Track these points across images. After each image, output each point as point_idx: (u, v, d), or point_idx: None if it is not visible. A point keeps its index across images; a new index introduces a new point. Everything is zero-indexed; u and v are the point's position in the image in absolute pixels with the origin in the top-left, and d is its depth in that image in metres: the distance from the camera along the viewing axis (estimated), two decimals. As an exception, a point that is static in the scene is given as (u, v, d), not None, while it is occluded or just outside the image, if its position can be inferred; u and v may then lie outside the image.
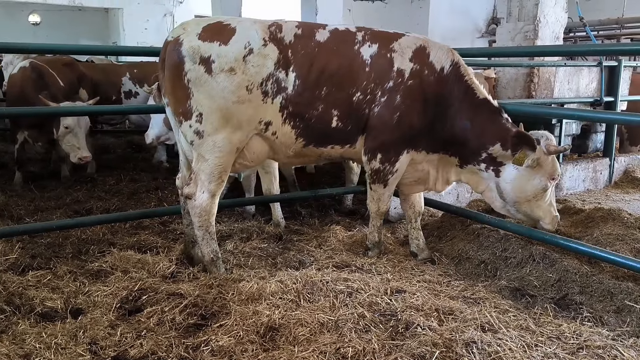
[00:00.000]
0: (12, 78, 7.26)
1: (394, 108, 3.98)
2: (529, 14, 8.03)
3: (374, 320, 3.29)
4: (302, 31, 3.99)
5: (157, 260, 4.35)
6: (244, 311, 3.35)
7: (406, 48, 4.06)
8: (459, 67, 4.11)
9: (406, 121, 4.00)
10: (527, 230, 4.29)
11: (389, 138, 4.03)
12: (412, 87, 3.98)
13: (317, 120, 3.99)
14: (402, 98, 3.97)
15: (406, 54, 4.04)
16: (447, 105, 4.09)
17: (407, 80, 3.99)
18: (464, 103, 4.11)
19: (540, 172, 4.04)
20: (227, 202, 5.09)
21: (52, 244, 4.92)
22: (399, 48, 4.04)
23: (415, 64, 4.02)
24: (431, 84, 4.04)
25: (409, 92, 3.97)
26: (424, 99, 4.03)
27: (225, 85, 3.80)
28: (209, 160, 3.96)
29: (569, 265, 3.93)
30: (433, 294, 3.69)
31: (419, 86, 4.00)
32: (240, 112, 3.86)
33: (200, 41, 3.83)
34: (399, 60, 4.01)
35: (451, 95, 4.09)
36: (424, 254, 4.58)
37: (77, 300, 3.69)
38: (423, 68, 4.03)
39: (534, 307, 3.63)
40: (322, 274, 3.90)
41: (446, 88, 4.08)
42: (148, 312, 3.48)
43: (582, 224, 5.04)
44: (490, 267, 4.26)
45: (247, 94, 3.84)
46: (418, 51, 4.06)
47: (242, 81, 3.82)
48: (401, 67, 4.00)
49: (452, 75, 4.09)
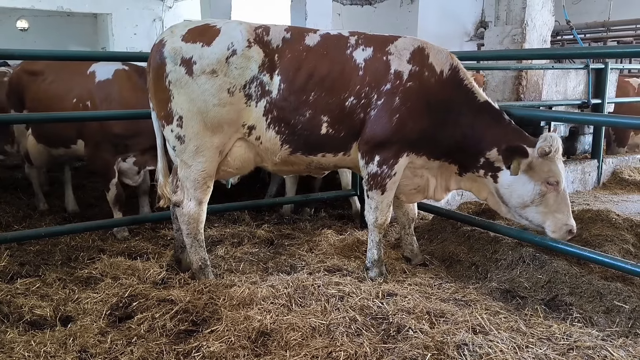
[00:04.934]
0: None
1: (392, 110, 3.86)
2: (517, 18, 8.09)
3: (366, 323, 3.29)
4: (291, 35, 3.94)
5: (148, 267, 4.33)
6: (235, 316, 3.34)
7: (403, 50, 3.97)
8: (458, 71, 4.02)
9: (406, 123, 3.87)
10: (516, 232, 4.31)
11: (388, 140, 3.90)
12: (411, 89, 3.87)
13: (304, 126, 3.91)
14: (402, 100, 3.86)
15: (404, 55, 3.95)
16: (448, 109, 3.97)
17: (405, 82, 3.88)
18: (464, 107, 4.00)
19: (535, 177, 3.87)
20: (218, 207, 5.06)
21: (41, 251, 4.89)
22: (396, 50, 3.96)
23: (414, 65, 3.92)
24: (431, 86, 3.93)
25: (408, 94, 3.86)
26: (425, 100, 3.91)
27: (206, 88, 3.76)
28: (192, 167, 3.92)
29: (558, 266, 3.95)
30: (424, 297, 3.70)
31: (419, 88, 3.90)
32: (221, 116, 3.81)
33: (183, 42, 3.80)
34: (396, 63, 3.91)
35: (451, 99, 3.98)
36: (417, 258, 4.57)
37: (66, 307, 3.66)
38: (423, 70, 3.93)
39: (525, 308, 3.65)
40: (313, 278, 3.89)
41: (446, 92, 3.97)
42: (138, 319, 3.46)
43: (571, 226, 5.07)
44: (481, 270, 4.28)
45: (228, 96, 3.79)
46: (416, 53, 3.97)
47: (224, 83, 3.77)
48: (399, 69, 3.90)
49: (451, 78, 3.99)
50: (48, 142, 5.74)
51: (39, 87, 5.57)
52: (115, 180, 5.40)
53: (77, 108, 5.27)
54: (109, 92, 5.21)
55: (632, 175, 8.23)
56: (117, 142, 5.22)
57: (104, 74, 5.31)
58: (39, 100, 5.51)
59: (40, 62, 5.70)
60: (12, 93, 5.86)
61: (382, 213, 4.14)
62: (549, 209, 3.92)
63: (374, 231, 4.20)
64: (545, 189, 3.88)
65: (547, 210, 3.93)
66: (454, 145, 4.04)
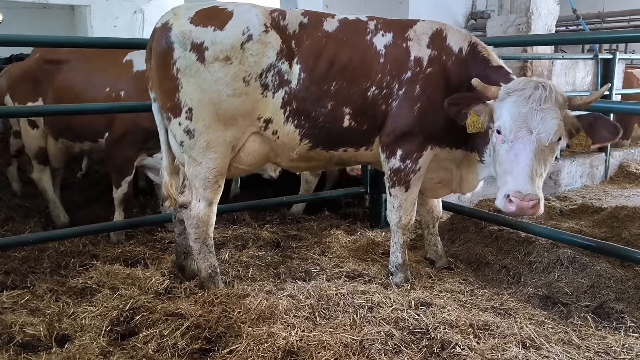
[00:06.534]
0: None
1: (413, 100, 3.57)
2: (522, 6, 7.83)
3: (404, 339, 2.94)
4: (309, 20, 3.61)
5: (149, 275, 3.93)
6: (257, 333, 2.97)
7: (422, 35, 3.68)
8: (476, 46, 3.69)
9: (428, 113, 3.58)
10: (553, 233, 3.98)
11: (410, 132, 3.60)
12: (431, 76, 3.59)
13: (326, 119, 3.59)
14: (422, 88, 3.56)
15: (423, 40, 3.66)
16: (470, 87, 3.55)
17: (425, 68, 3.59)
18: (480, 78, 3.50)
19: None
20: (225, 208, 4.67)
21: (27, 258, 4.44)
22: (415, 35, 3.67)
23: (433, 49, 3.63)
24: (450, 68, 3.63)
25: (429, 81, 3.58)
26: (446, 86, 3.60)
27: (220, 77, 3.39)
28: (202, 164, 3.55)
29: (601, 269, 3.64)
30: (460, 306, 3.37)
31: (439, 73, 3.61)
32: (236, 107, 3.46)
33: (192, 25, 3.42)
34: (415, 48, 3.63)
35: (470, 76, 3.53)
36: (442, 261, 4.24)
37: (61, 324, 3.25)
38: (441, 53, 3.64)
39: (570, 317, 3.34)
40: (336, 287, 3.54)
41: (466, 70, 3.62)
42: (144, 337, 3.09)
43: (605, 224, 4.78)
44: (512, 273, 3.96)
45: (244, 86, 3.44)
46: (435, 36, 3.68)
47: (239, 72, 3.41)
48: (419, 55, 3.61)
49: (470, 54, 3.66)
50: (74, 137, 5.18)
51: (64, 77, 5.06)
52: (130, 179, 4.98)
53: (110, 99, 4.83)
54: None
55: (639, 168, 8.04)
56: (147, 137, 4.74)
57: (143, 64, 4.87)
58: (65, 90, 5.00)
59: (65, 50, 5.15)
60: (26, 83, 5.21)
61: (406, 212, 3.81)
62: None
63: (398, 232, 3.86)
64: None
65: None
66: None
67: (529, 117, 3.11)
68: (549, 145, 3.14)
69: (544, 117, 3.10)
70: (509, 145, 3.18)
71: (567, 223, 4.92)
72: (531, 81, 3.21)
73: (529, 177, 3.08)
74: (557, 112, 3.13)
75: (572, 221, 5.06)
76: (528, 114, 3.11)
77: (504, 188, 3.18)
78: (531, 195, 3.04)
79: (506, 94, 3.22)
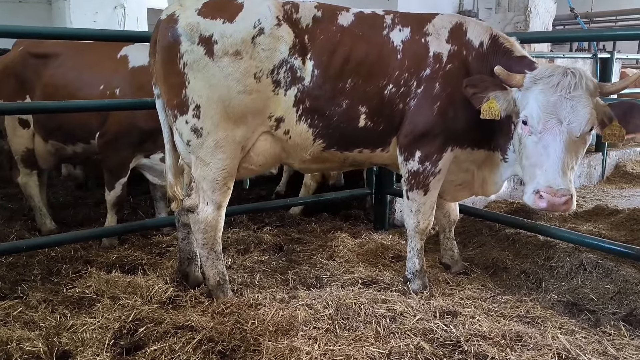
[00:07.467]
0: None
1: (432, 98, 3.38)
2: (520, 5, 7.76)
3: (436, 353, 2.76)
4: (323, 13, 3.41)
5: (151, 283, 3.69)
6: (278, 348, 2.76)
7: (441, 29, 3.49)
8: (498, 38, 3.49)
9: (448, 112, 3.39)
10: (575, 236, 3.81)
11: (429, 132, 3.41)
12: (451, 72, 3.39)
13: (341, 118, 3.39)
14: (442, 86, 3.38)
15: (442, 35, 3.47)
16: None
17: (445, 64, 3.41)
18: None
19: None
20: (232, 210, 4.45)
21: (15, 264, 4.17)
22: (434, 30, 3.48)
23: (452, 45, 3.45)
24: (471, 64, 3.44)
25: (449, 79, 3.39)
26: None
27: (230, 72, 3.18)
28: (210, 165, 3.33)
29: (627, 274, 3.51)
30: (486, 314, 3.19)
31: (460, 69, 3.42)
32: (246, 105, 3.24)
33: (200, 17, 3.20)
34: (435, 44, 3.44)
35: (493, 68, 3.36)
36: (458, 265, 4.06)
37: (60, 339, 2.99)
38: (461, 48, 3.45)
39: (599, 325, 3.18)
40: (354, 295, 3.34)
41: (488, 65, 3.42)
42: (152, 351, 2.86)
43: (624, 227, 4.66)
44: (532, 278, 3.81)
45: (255, 82, 3.23)
46: (454, 30, 3.49)
47: (250, 67, 3.20)
48: (438, 51, 3.42)
49: (491, 48, 3.47)
50: (64, 138, 4.80)
51: (54, 73, 4.70)
52: (124, 181, 4.69)
53: (104, 98, 4.51)
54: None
55: (635, 168, 8.05)
56: (143, 137, 4.50)
57: (139, 60, 4.57)
58: (55, 88, 4.64)
59: (52, 43, 4.80)
60: (11, 79, 4.81)
61: (424, 217, 3.62)
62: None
63: (415, 237, 3.68)
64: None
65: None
66: (499, 125, 3.41)
67: (558, 106, 2.95)
68: (580, 135, 2.97)
69: (575, 105, 2.94)
70: (538, 137, 3.01)
71: (585, 226, 4.78)
72: (559, 67, 3.04)
73: (560, 170, 2.91)
74: (589, 100, 2.96)
75: (588, 223, 4.93)
76: (557, 102, 2.95)
77: (533, 183, 3.01)
78: (563, 190, 2.88)
79: (532, 82, 3.05)
